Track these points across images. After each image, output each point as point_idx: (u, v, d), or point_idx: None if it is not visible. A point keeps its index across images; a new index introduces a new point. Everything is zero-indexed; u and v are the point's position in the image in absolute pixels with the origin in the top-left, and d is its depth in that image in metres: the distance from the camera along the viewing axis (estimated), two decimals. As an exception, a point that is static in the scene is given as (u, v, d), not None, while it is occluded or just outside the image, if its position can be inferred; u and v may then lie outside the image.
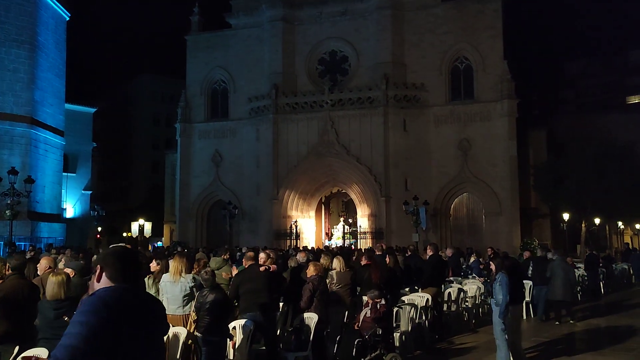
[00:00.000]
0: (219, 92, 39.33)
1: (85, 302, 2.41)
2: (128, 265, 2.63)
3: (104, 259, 2.63)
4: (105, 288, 2.49)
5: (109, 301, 2.38)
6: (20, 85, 27.90)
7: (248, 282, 7.85)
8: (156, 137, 65.66)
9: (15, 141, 27.75)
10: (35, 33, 28.65)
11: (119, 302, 2.41)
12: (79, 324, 2.29)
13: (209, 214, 38.99)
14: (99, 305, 2.34)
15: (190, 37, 39.77)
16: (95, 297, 2.41)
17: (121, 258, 2.63)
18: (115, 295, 2.44)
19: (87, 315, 2.30)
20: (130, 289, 2.55)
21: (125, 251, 2.74)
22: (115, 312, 2.35)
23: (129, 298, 2.49)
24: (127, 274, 2.60)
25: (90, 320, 2.28)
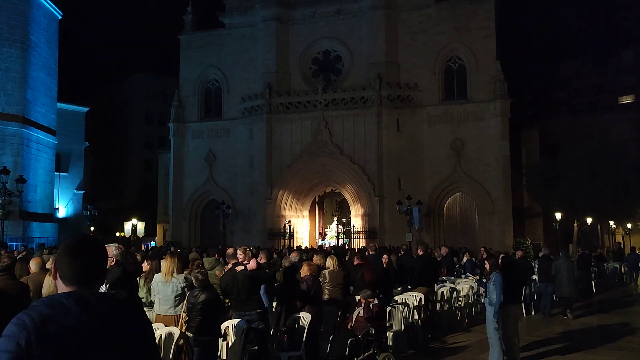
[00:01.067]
0: (213, 91, 39.24)
1: (9, 324, 1.93)
2: (81, 264, 2.11)
3: (58, 255, 2.17)
4: (35, 303, 2.01)
5: (26, 322, 1.89)
6: (12, 85, 27.73)
7: (229, 283, 7.93)
8: (149, 136, 65.44)
9: (7, 140, 27.58)
10: (27, 32, 28.48)
11: (45, 320, 1.91)
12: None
13: (203, 213, 38.89)
14: (14, 329, 1.89)
15: (184, 37, 39.65)
16: (16, 318, 1.94)
17: (73, 254, 2.13)
18: (42, 311, 1.94)
19: (4, 341, 1.89)
20: (69, 297, 2.02)
21: (80, 244, 2.18)
22: (32, 334, 1.87)
23: (65, 310, 1.96)
24: (80, 274, 2.10)
25: (7, 347, 1.86)
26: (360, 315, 8.84)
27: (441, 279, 14.26)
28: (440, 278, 14.14)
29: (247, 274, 7.86)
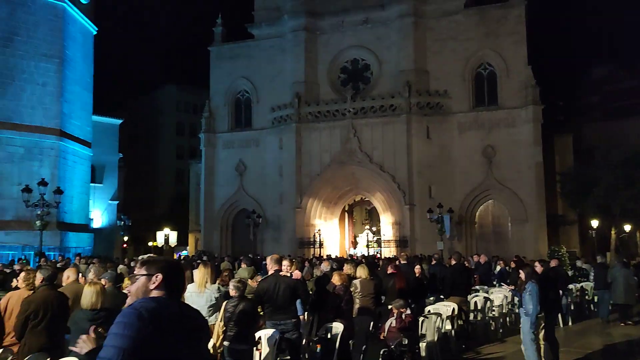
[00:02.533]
0: (243, 102, 39.68)
1: (122, 314, 2.45)
2: (180, 279, 2.75)
3: (169, 271, 2.70)
4: (144, 299, 2.55)
5: (143, 313, 2.40)
6: (50, 99, 28.55)
7: (269, 290, 7.74)
8: (180, 147, 66.47)
9: (45, 153, 28.36)
10: (64, 47, 29.32)
11: (154, 315, 2.43)
12: (114, 336, 2.36)
13: (234, 223, 39.23)
14: (133, 318, 2.38)
15: (214, 48, 40.25)
16: (132, 309, 2.45)
17: (179, 273, 2.77)
18: (153, 307, 2.47)
19: (123, 327, 2.36)
20: (169, 301, 2.60)
21: (175, 263, 2.87)
22: (149, 324, 2.38)
23: (167, 309, 2.52)
24: (177, 287, 2.71)
25: (127, 333, 2.33)
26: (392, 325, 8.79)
27: (474, 288, 14.05)
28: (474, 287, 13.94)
29: (289, 283, 7.86)
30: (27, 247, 24.24)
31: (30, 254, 22.44)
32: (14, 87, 27.45)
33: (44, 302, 5.92)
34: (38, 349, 5.72)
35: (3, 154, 26.97)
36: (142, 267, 2.75)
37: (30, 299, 5.97)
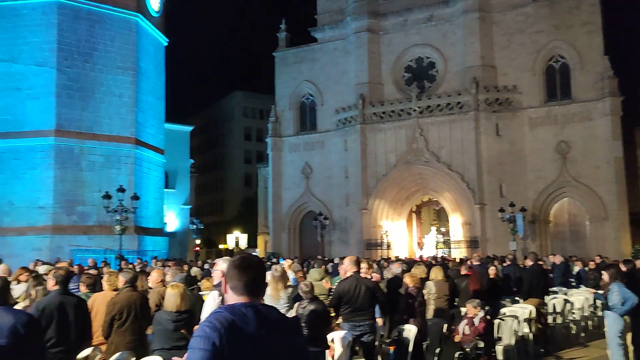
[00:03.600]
0: (307, 105, 40.08)
1: (200, 327, 2.35)
2: (247, 277, 2.46)
3: (227, 269, 2.54)
4: (220, 309, 2.42)
5: (217, 325, 2.28)
6: (125, 109, 29.97)
7: (350, 291, 7.66)
8: (248, 151, 67.99)
9: (122, 161, 29.76)
10: (137, 59, 30.70)
11: (231, 325, 2.30)
12: (192, 351, 2.29)
13: (301, 225, 39.66)
14: (207, 331, 2.28)
15: (278, 54, 40.90)
16: (207, 322, 2.34)
17: (242, 268, 2.48)
18: (227, 316, 2.33)
19: (199, 341, 2.28)
20: (247, 306, 2.40)
21: (248, 260, 2.54)
22: (226, 336, 2.27)
23: (245, 317, 2.35)
24: (245, 286, 2.44)
25: (203, 346, 2.25)
26: (467, 327, 8.59)
27: (552, 290, 13.48)
28: (551, 289, 13.38)
29: (370, 285, 7.85)
30: (108, 251, 25.49)
31: (111, 257, 23.54)
32: (94, 100, 29.01)
33: (128, 303, 6.20)
34: (124, 348, 6.00)
35: (85, 163, 28.55)
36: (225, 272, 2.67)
37: (114, 300, 6.28)
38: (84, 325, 5.72)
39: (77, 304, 5.68)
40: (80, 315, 5.67)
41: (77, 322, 5.57)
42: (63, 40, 28.23)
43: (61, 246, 26.21)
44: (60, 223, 27.51)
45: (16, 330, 3.96)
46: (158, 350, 5.78)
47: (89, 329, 5.94)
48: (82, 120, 28.55)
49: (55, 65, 27.97)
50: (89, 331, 5.96)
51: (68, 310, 5.54)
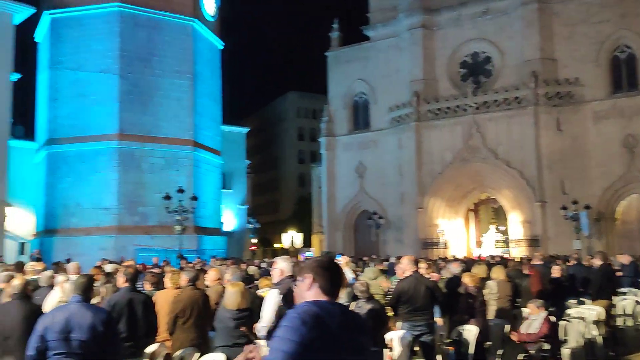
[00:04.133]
0: (360, 104, 39.96)
1: (286, 318, 2.49)
2: (334, 278, 2.63)
3: (315, 269, 2.64)
4: (305, 303, 2.54)
5: (306, 318, 2.41)
6: (183, 112, 30.80)
7: (409, 291, 7.59)
8: (302, 151, 68.53)
9: (181, 162, 30.60)
10: (194, 64, 31.49)
11: (315, 319, 2.42)
12: (280, 340, 2.40)
13: (355, 224, 39.58)
14: (297, 323, 2.41)
15: (331, 53, 40.97)
16: (294, 314, 2.47)
17: (329, 269, 2.64)
18: (313, 311, 2.46)
19: (286, 330, 2.40)
20: (333, 304, 2.56)
21: (333, 263, 2.72)
22: (313, 329, 2.39)
23: (329, 314, 2.47)
24: (332, 286, 2.60)
25: (292, 337, 2.37)
26: (530, 328, 8.32)
27: (621, 291, 12.87)
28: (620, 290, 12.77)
29: (429, 284, 7.76)
30: (168, 250, 26.26)
31: (171, 256, 24.24)
32: (154, 104, 29.97)
33: (190, 301, 6.37)
34: (188, 344, 6.17)
35: (146, 165, 29.53)
36: (298, 275, 2.76)
37: (178, 298, 6.46)
38: (150, 321, 5.92)
39: (144, 300, 5.89)
40: (148, 311, 5.88)
41: (145, 318, 5.77)
42: (124, 47, 29.31)
43: (125, 245, 27.21)
44: (124, 223, 28.57)
45: (95, 325, 4.22)
46: (220, 347, 5.91)
47: (155, 325, 6.14)
48: (142, 124, 29.55)
49: (118, 71, 29.07)
50: (155, 327, 6.16)
51: (136, 307, 5.75)
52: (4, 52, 26.45)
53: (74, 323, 4.48)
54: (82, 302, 4.65)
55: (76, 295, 4.71)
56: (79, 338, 4.46)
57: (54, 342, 4.44)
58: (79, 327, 4.48)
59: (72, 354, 4.46)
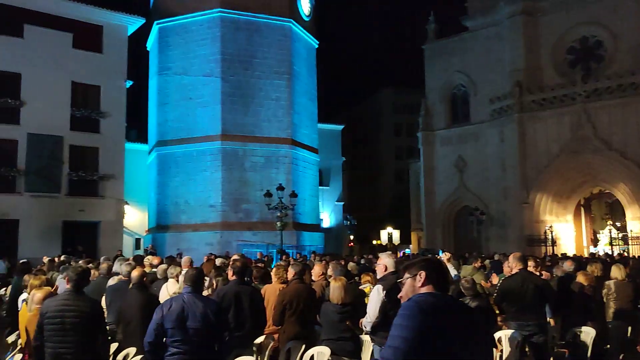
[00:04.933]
0: (459, 97, 38.86)
1: (404, 307, 2.63)
2: (445, 274, 2.86)
3: (428, 265, 2.83)
4: (422, 294, 2.69)
5: (424, 307, 2.56)
6: (282, 112, 31.58)
7: (515, 289, 7.27)
8: (399, 147, 67.84)
9: (280, 161, 31.41)
10: (291, 64, 32.17)
11: (433, 308, 2.57)
12: (399, 327, 2.54)
13: (455, 220, 38.58)
14: (415, 311, 2.54)
15: (427, 46, 40.20)
16: (413, 303, 2.61)
17: (442, 268, 2.87)
18: (431, 301, 2.61)
19: (404, 318, 2.54)
20: (447, 297, 2.75)
21: (443, 263, 3.02)
22: (431, 317, 2.53)
23: (445, 305, 2.64)
24: (443, 282, 2.80)
25: (410, 324, 2.50)
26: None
27: None
28: None
29: (538, 283, 7.41)
30: (270, 246, 27.10)
31: (273, 252, 24.98)
32: (254, 104, 31.00)
33: (297, 294, 6.51)
34: (294, 337, 6.32)
35: (248, 164, 30.63)
36: (405, 272, 2.90)
37: (285, 291, 6.63)
38: (258, 313, 6.12)
39: (251, 293, 6.10)
40: (255, 303, 6.09)
41: (252, 309, 5.98)
42: (226, 51, 30.55)
43: (229, 241, 28.43)
44: (228, 220, 29.81)
45: (207, 314, 4.49)
46: (325, 341, 5.99)
47: (263, 317, 6.34)
48: (244, 125, 30.65)
49: (220, 74, 30.36)
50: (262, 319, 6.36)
51: (243, 299, 5.98)
52: (120, 61, 28.58)
53: (188, 312, 4.75)
54: (193, 293, 4.91)
55: (187, 287, 4.97)
56: (192, 327, 4.72)
57: (171, 330, 4.73)
58: (193, 316, 4.74)
59: (187, 342, 4.73)
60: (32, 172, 25.32)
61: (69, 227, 26.28)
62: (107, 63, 27.97)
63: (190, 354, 4.71)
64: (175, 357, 4.72)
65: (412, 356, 2.45)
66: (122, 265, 8.62)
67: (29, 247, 23.65)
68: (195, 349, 4.74)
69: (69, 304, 5.01)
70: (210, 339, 4.90)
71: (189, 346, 4.73)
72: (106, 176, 27.40)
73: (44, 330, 4.96)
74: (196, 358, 4.73)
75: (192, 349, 4.73)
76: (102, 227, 27.48)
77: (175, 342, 4.74)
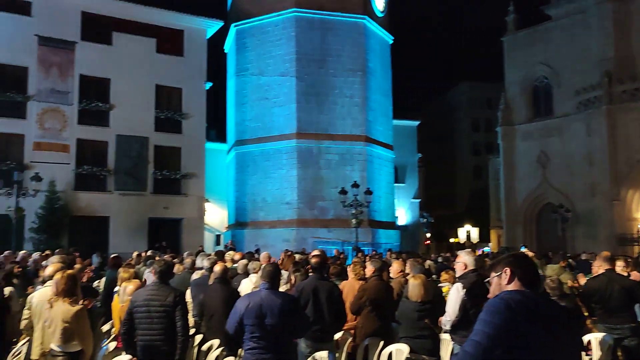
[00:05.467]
0: (541, 89, 37.20)
1: (490, 303, 2.56)
2: (533, 270, 2.75)
3: (513, 262, 2.75)
4: (509, 291, 2.61)
5: (511, 304, 2.49)
6: (356, 109, 31.54)
7: (600, 290, 6.99)
8: (476, 143, 66.01)
9: (355, 158, 31.39)
10: (365, 60, 32.05)
11: (521, 305, 2.49)
12: (483, 322, 2.48)
13: (538, 218, 37.00)
14: (501, 307, 2.48)
15: (507, 38, 38.78)
16: (499, 299, 2.55)
17: (529, 263, 2.77)
18: (518, 298, 2.53)
19: (491, 314, 2.47)
20: (536, 294, 2.64)
21: (529, 258, 2.87)
22: (517, 314, 2.45)
23: (533, 302, 2.55)
24: (532, 278, 2.70)
25: (494, 320, 2.44)
26: None
27: None
28: None
29: (625, 284, 7.01)
30: (345, 243, 27.16)
31: (348, 249, 25.02)
32: (328, 102, 31.17)
33: (375, 291, 6.50)
34: (372, 333, 6.31)
35: (323, 161, 30.85)
36: (491, 270, 2.84)
37: (364, 287, 6.64)
38: (336, 308, 6.15)
39: (329, 289, 6.14)
40: (332, 299, 6.12)
41: (330, 305, 6.02)
42: (300, 50, 30.91)
43: (305, 238, 28.77)
44: (304, 217, 30.17)
45: (285, 310, 4.57)
46: (403, 338, 5.93)
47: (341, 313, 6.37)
48: (318, 123, 30.90)
49: (295, 74, 30.77)
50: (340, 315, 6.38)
51: (321, 294, 6.03)
52: (199, 64, 29.70)
53: (266, 308, 4.84)
54: (271, 290, 5.00)
55: (265, 283, 5.07)
56: (270, 323, 4.81)
57: (250, 326, 4.85)
58: (271, 312, 4.83)
59: (265, 337, 4.83)
60: (120, 171, 26.86)
61: (154, 224, 27.66)
62: (188, 66, 29.16)
63: (268, 349, 4.81)
64: (254, 352, 4.83)
65: (494, 353, 2.38)
66: (204, 260, 8.97)
67: (119, 242, 25.11)
68: (274, 344, 4.84)
69: (154, 295, 5.32)
70: (288, 335, 4.98)
71: (267, 342, 4.82)
72: (188, 175, 28.58)
73: (134, 319, 5.25)
74: (274, 353, 4.82)
75: (270, 344, 4.82)
76: (184, 223, 28.69)
77: (253, 338, 4.86)
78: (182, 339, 5.20)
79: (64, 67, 26.09)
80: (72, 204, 25.49)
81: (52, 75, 25.85)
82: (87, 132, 26.39)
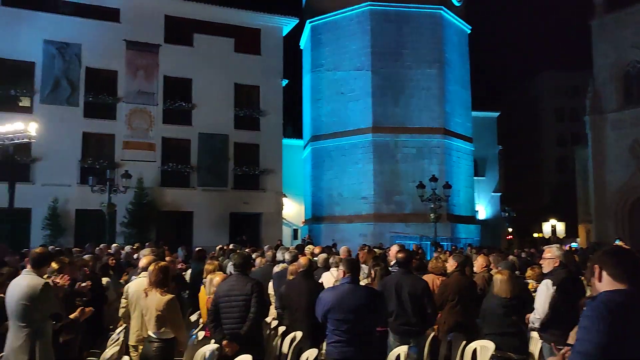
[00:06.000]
0: (633, 75, 34.85)
1: (589, 307, 2.43)
2: (626, 263, 2.52)
3: (601, 258, 2.58)
4: (607, 292, 2.46)
5: (611, 306, 2.36)
6: (433, 101, 30.93)
7: None
8: (561, 133, 62.96)
9: (432, 151, 30.82)
10: (442, 51, 31.33)
11: (621, 307, 2.36)
12: (585, 329, 2.35)
13: (631, 211, 34.76)
14: (602, 311, 2.35)
15: (595, 22, 36.63)
16: (598, 303, 2.41)
17: (620, 257, 2.54)
18: (618, 300, 2.39)
19: (592, 320, 2.34)
20: (634, 291, 2.44)
21: (625, 251, 2.62)
22: (619, 317, 2.33)
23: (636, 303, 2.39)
24: (625, 272, 2.48)
25: (597, 326, 2.31)
26: None
27: None
28: None
29: None
30: (423, 237, 26.75)
31: (426, 244, 24.64)
32: (404, 95, 30.78)
33: (457, 285, 6.37)
34: (455, 328, 6.19)
35: (400, 155, 30.53)
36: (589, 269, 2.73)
37: (446, 282, 6.53)
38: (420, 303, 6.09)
39: (412, 284, 6.08)
40: (415, 294, 6.05)
41: (412, 300, 5.96)
42: (375, 44, 30.69)
43: (382, 232, 28.61)
44: (380, 211, 30.01)
45: (366, 304, 4.60)
46: (488, 335, 5.77)
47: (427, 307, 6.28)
48: (394, 116, 30.58)
49: (370, 68, 30.60)
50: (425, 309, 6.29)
51: (404, 288, 5.99)
52: (276, 61, 30.24)
53: (351, 302, 4.86)
54: (353, 283, 5.01)
55: (347, 277, 5.09)
56: (352, 317, 4.83)
57: (335, 320, 4.88)
58: (355, 306, 4.85)
59: (347, 331, 4.85)
60: (203, 168, 27.91)
61: (234, 218, 28.56)
62: (264, 64, 29.78)
63: (351, 343, 4.83)
64: (337, 345, 4.87)
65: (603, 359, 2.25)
66: (285, 253, 9.14)
67: (202, 236, 26.13)
68: (357, 338, 4.85)
69: (234, 285, 5.70)
70: (370, 328, 4.98)
71: (350, 335, 4.84)
72: (266, 171, 29.24)
73: (219, 309, 5.51)
74: (357, 347, 4.83)
75: (353, 337, 4.84)
76: (263, 218, 29.39)
77: (337, 331, 4.90)
78: (251, 316, 5.49)
79: (149, 69, 27.42)
80: (158, 199, 26.78)
81: (139, 78, 27.23)
82: (171, 131, 27.61)
